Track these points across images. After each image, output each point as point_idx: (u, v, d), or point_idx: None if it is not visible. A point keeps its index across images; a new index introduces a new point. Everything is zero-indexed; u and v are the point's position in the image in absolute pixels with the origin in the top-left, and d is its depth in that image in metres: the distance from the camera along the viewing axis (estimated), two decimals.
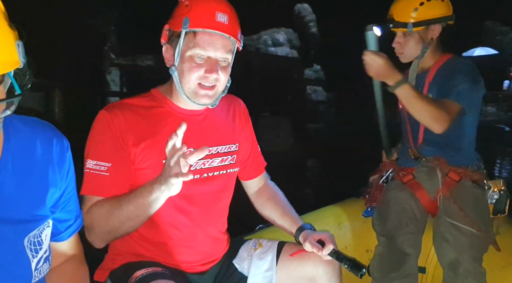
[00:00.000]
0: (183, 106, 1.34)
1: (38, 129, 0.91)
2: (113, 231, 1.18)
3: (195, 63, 1.24)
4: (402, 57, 1.91)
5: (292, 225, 1.45)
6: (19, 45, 0.69)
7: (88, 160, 1.22)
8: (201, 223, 1.35)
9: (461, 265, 1.67)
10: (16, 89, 0.73)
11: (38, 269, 0.87)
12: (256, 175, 1.58)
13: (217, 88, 1.28)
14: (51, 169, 0.91)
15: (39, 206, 0.89)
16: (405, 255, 1.77)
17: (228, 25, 1.24)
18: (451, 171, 1.87)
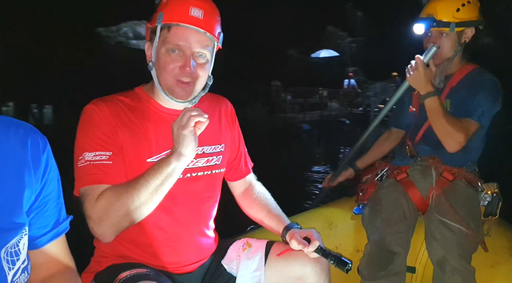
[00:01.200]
0: (166, 106, 1.33)
1: (11, 131, 0.86)
2: (131, 213, 1.14)
3: (170, 58, 1.24)
4: (435, 58, 1.89)
5: (279, 224, 1.45)
6: None
7: (85, 153, 1.19)
8: (186, 223, 1.34)
9: (448, 262, 1.68)
10: None
11: (15, 281, 0.83)
12: (243, 176, 1.57)
13: (195, 85, 1.27)
14: (27, 172, 0.86)
15: (17, 211, 0.85)
16: (393, 254, 1.78)
17: (202, 20, 1.23)
18: (445, 170, 1.89)
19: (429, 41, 1.88)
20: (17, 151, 0.85)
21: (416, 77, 1.77)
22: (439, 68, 1.92)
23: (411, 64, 1.79)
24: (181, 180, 1.29)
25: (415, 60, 1.77)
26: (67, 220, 0.99)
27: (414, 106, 2.04)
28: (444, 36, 1.85)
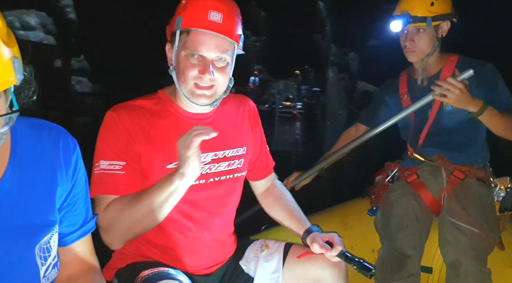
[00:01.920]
0: (188, 110, 1.32)
1: (44, 132, 0.91)
2: (134, 226, 1.15)
3: (189, 63, 1.22)
4: (413, 55, 1.87)
5: (300, 227, 1.44)
6: (15, 62, 0.69)
7: (100, 161, 1.20)
8: (206, 228, 1.34)
9: (462, 265, 1.66)
10: (15, 105, 0.74)
11: (47, 276, 0.88)
12: (265, 176, 1.56)
13: (216, 88, 1.26)
14: (59, 171, 0.91)
15: (50, 209, 0.90)
16: (406, 257, 1.77)
17: (221, 24, 1.20)
18: (455, 169, 1.87)
19: (407, 39, 1.85)
20: (50, 151, 0.90)
21: (461, 98, 1.64)
22: (420, 65, 1.90)
23: (448, 87, 1.64)
24: (203, 185, 1.30)
25: (451, 82, 1.64)
26: (93, 219, 1.03)
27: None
28: (421, 32, 1.82)
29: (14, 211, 0.82)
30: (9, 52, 0.69)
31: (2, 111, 0.71)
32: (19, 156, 0.85)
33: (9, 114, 0.71)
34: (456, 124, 1.86)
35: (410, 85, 2.00)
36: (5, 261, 0.81)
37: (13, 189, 0.83)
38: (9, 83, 0.69)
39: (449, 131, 1.89)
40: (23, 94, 0.79)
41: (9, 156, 0.84)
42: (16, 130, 0.86)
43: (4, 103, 0.72)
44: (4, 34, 0.70)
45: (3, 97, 0.72)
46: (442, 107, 1.87)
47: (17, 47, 0.73)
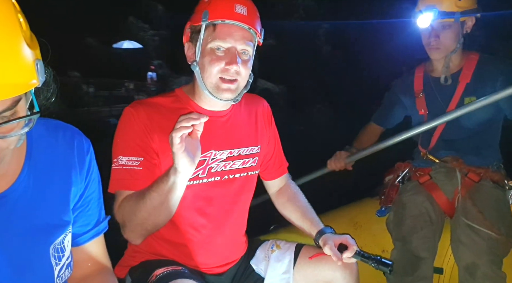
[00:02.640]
0: (206, 108, 1.33)
1: (59, 133, 0.92)
2: (143, 222, 1.16)
3: (216, 55, 1.24)
4: (437, 52, 1.82)
5: (312, 227, 1.45)
6: (38, 64, 0.70)
7: (119, 156, 1.22)
8: (220, 225, 1.35)
9: (479, 268, 1.64)
10: (35, 107, 0.74)
11: (60, 276, 0.88)
12: (278, 176, 1.57)
13: (239, 82, 1.28)
14: (73, 172, 0.92)
15: (65, 209, 0.90)
16: (419, 259, 1.75)
17: (247, 16, 1.24)
18: (470, 171, 1.84)
19: (431, 35, 1.79)
20: (65, 151, 0.91)
21: None
22: (443, 63, 1.84)
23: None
24: (218, 182, 1.31)
25: None
26: (106, 219, 1.04)
27: (421, 109, 1.96)
28: (447, 28, 1.76)
29: (29, 211, 0.83)
30: (33, 55, 0.70)
31: (22, 113, 0.72)
32: (34, 156, 0.85)
33: (30, 116, 0.72)
34: (473, 126, 1.83)
35: (426, 83, 1.94)
36: (21, 261, 0.81)
37: (29, 189, 0.83)
38: (32, 86, 0.69)
39: (465, 133, 1.86)
40: (42, 95, 0.80)
41: (25, 156, 0.85)
42: (31, 131, 0.85)
43: (24, 105, 0.73)
44: (28, 36, 0.70)
45: (24, 99, 0.72)
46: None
47: (39, 50, 0.73)
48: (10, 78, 0.65)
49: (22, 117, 0.70)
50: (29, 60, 0.69)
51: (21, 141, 0.77)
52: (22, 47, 0.68)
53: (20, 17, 0.69)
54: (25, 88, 0.68)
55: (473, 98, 1.80)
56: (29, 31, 0.72)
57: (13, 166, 0.82)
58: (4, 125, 0.68)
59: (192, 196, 1.27)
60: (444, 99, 1.87)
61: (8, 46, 0.65)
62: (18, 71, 0.66)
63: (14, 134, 0.71)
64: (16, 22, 0.67)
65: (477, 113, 1.77)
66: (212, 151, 1.31)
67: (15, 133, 0.71)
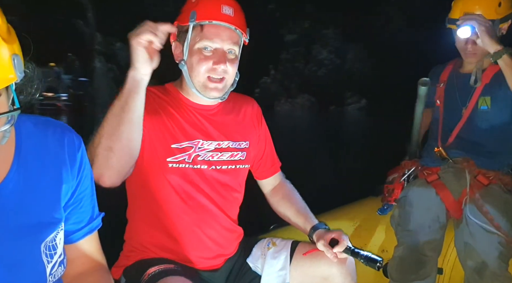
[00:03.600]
0: (194, 101, 1.37)
1: (49, 130, 0.91)
2: (107, 140, 1.15)
3: (203, 55, 1.27)
4: (473, 57, 1.82)
5: (306, 223, 1.46)
6: (15, 59, 0.69)
7: None
8: (208, 214, 1.36)
9: (487, 268, 1.63)
10: (16, 103, 0.73)
11: (53, 273, 0.88)
12: (271, 174, 1.59)
13: (226, 81, 1.31)
14: (64, 169, 0.91)
15: (56, 206, 0.90)
16: (425, 258, 1.75)
17: (233, 17, 1.28)
18: (480, 173, 1.83)
19: (468, 41, 1.77)
20: (55, 149, 0.90)
21: (490, 31, 1.62)
22: (476, 65, 1.84)
23: (477, 20, 1.64)
24: (205, 170, 1.34)
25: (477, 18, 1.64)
26: (99, 216, 1.03)
27: (438, 100, 1.97)
28: None
29: (19, 209, 0.83)
30: (9, 49, 0.69)
31: (3, 109, 0.71)
32: (23, 154, 0.85)
33: (10, 112, 0.71)
34: (489, 127, 1.83)
35: (451, 76, 1.96)
36: (11, 259, 0.81)
37: (18, 186, 0.83)
38: (9, 81, 0.69)
39: (480, 135, 1.86)
40: (25, 92, 0.79)
41: (14, 153, 0.84)
42: (20, 128, 0.86)
43: (5, 101, 0.72)
44: (4, 31, 0.69)
45: (4, 95, 0.71)
46: (477, 107, 1.83)
47: (17, 44, 0.72)
48: None
49: (1, 113, 0.70)
50: (5, 54, 0.68)
51: (6, 138, 0.77)
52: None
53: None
54: (1, 84, 0.67)
55: (487, 99, 1.82)
56: (6, 25, 0.71)
57: (1, 164, 0.82)
58: None
59: (178, 179, 1.30)
60: (461, 97, 1.88)
61: None
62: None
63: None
64: None
65: (493, 117, 1.79)
66: (200, 140, 1.34)
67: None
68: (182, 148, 1.30)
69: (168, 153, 1.28)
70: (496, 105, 1.81)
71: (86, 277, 0.99)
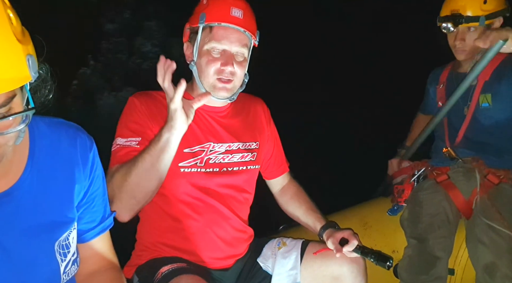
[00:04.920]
0: (205, 103, 1.34)
1: (62, 130, 0.92)
2: (133, 189, 1.16)
3: (212, 57, 1.29)
4: (463, 54, 1.85)
5: (316, 223, 1.47)
6: (29, 60, 0.70)
7: (118, 138, 1.26)
8: (219, 215, 1.36)
9: (498, 269, 1.60)
10: (31, 103, 0.74)
11: (66, 272, 0.89)
12: (279, 174, 1.59)
13: (234, 82, 1.32)
14: (77, 169, 0.92)
15: (69, 206, 0.91)
16: (435, 258, 1.73)
17: (242, 19, 1.29)
18: (490, 172, 1.82)
19: (457, 38, 1.81)
20: (67, 149, 0.91)
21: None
22: (469, 63, 1.85)
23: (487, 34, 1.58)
24: (216, 173, 1.34)
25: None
26: (111, 216, 1.05)
27: (440, 101, 1.98)
28: (472, 31, 1.78)
29: (33, 208, 0.84)
30: (24, 50, 0.70)
31: (18, 109, 0.72)
32: (37, 154, 0.86)
33: (25, 112, 0.72)
34: (493, 123, 1.83)
35: (450, 77, 1.99)
36: (26, 257, 0.82)
37: (32, 186, 0.84)
38: (23, 80, 0.70)
39: (486, 133, 1.86)
40: (40, 93, 0.80)
41: (28, 154, 0.85)
42: (34, 128, 0.87)
43: (20, 101, 0.73)
44: (18, 32, 0.71)
45: (19, 95, 0.72)
46: (479, 104, 1.84)
47: (31, 45, 0.73)
48: (0, 73, 0.65)
49: (17, 113, 0.71)
50: (20, 55, 0.69)
51: (21, 138, 0.78)
52: (12, 42, 0.68)
53: (10, 13, 0.70)
54: (17, 84, 0.68)
55: (487, 96, 1.82)
56: (20, 26, 0.72)
57: (16, 164, 0.83)
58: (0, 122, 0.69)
59: (191, 184, 1.31)
60: (463, 98, 1.87)
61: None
62: (8, 67, 0.66)
63: (12, 131, 0.72)
64: (4, 17, 0.67)
65: (496, 113, 1.80)
66: (211, 143, 1.35)
67: (12, 130, 0.72)
68: (194, 152, 1.32)
69: (180, 158, 1.28)
70: (497, 102, 1.81)
71: (98, 275, 1.01)
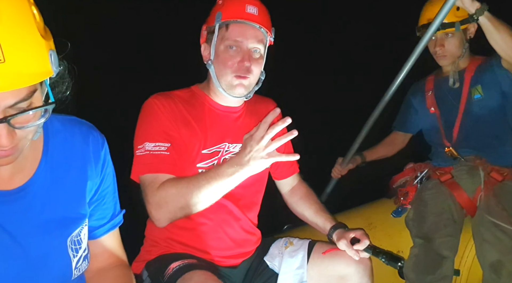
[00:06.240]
0: (221, 103, 1.39)
1: (75, 128, 0.93)
2: (188, 207, 1.18)
3: (229, 54, 1.30)
4: (444, 59, 1.93)
5: (326, 223, 1.47)
6: (51, 55, 0.71)
7: (145, 142, 1.25)
8: (231, 215, 1.37)
9: (504, 267, 1.61)
10: (51, 97, 0.75)
11: (78, 267, 0.90)
12: (290, 174, 1.59)
13: (250, 79, 1.32)
14: (89, 166, 0.93)
15: (81, 202, 0.92)
16: (442, 258, 1.73)
17: (257, 16, 1.30)
18: (493, 170, 1.84)
19: (436, 45, 1.90)
20: (80, 146, 0.92)
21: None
22: (451, 68, 1.93)
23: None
24: None
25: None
26: (121, 213, 1.05)
27: (431, 107, 2.03)
28: (450, 37, 1.88)
29: (47, 204, 0.85)
30: (46, 45, 0.71)
31: (38, 104, 0.73)
32: (51, 151, 0.87)
33: (45, 106, 0.73)
34: (487, 113, 1.88)
35: (437, 83, 2.04)
36: (40, 252, 0.83)
37: (46, 182, 0.85)
38: (45, 75, 0.70)
39: (481, 122, 1.89)
40: (57, 89, 0.81)
41: (42, 151, 0.86)
42: (48, 126, 0.88)
43: (40, 96, 0.74)
44: (41, 28, 0.71)
45: (39, 90, 0.73)
46: (471, 97, 1.90)
47: (52, 41, 0.74)
48: (24, 67, 0.66)
49: (37, 107, 0.71)
50: (43, 50, 0.69)
51: (38, 133, 0.79)
52: (36, 37, 0.68)
53: (34, 9, 0.70)
54: (39, 78, 0.69)
55: (478, 87, 1.90)
56: (43, 22, 0.73)
57: (30, 160, 0.84)
58: (21, 116, 0.69)
59: None
60: (454, 97, 1.95)
61: (22, 36, 0.66)
62: (32, 61, 0.67)
63: (31, 125, 0.72)
64: (29, 13, 0.68)
65: (488, 102, 1.86)
66: (226, 143, 1.36)
67: (32, 125, 0.72)
68: (211, 153, 1.33)
69: (198, 158, 1.30)
70: (487, 91, 1.87)
71: (107, 272, 1.01)
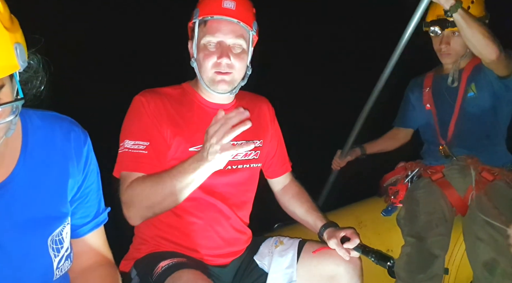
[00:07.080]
0: (210, 100, 1.37)
1: (56, 124, 0.90)
2: (154, 206, 1.18)
3: (208, 51, 1.28)
4: (448, 57, 1.93)
5: (317, 222, 1.46)
6: (17, 48, 0.67)
7: (125, 140, 1.25)
8: (221, 214, 1.36)
9: (499, 265, 1.62)
10: (20, 93, 0.72)
11: (60, 267, 0.87)
12: (282, 173, 1.59)
13: (233, 75, 1.30)
14: (70, 163, 0.90)
15: (62, 201, 0.89)
16: (434, 257, 1.73)
17: (235, 10, 1.27)
18: (484, 169, 1.85)
19: (442, 42, 1.90)
20: (61, 143, 0.89)
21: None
22: (453, 66, 1.94)
23: None
24: (221, 171, 1.31)
25: None
26: (105, 211, 1.03)
27: (427, 103, 2.04)
28: (456, 35, 1.88)
29: (26, 203, 0.82)
30: (11, 38, 0.67)
31: (8, 99, 0.69)
32: (30, 148, 0.84)
33: (14, 102, 0.69)
34: (479, 112, 1.89)
35: (435, 80, 2.05)
36: (18, 252, 0.80)
37: (25, 180, 0.82)
38: (11, 69, 0.67)
39: (473, 121, 1.91)
40: (31, 84, 0.77)
41: (21, 147, 0.83)
42: (27, 122, 0.85)
43: (10, 92, 0.71)
44: (6, 19, 0.68)
45: (8, 85, 0.70)
46: (466, 96, 1.91)
47: (21, 34, 0.71)
48: None
49: (4, 103, 0.68)
50: (7, 43, 0.66)
51: (12, 131, 0.75)
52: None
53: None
54: (3, 73, 0.65)
55: (472, 86, 1.92)
56: (8, 14, 0.69)
57: (8, 158, 0.81)
58: None
59: None
60: (451, 96, 1.96)
61: None
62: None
63: (1, 122, 0.69)
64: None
65: (481, 101, 1.87)
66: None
67: (2, 122, 0.69)
68: (199, 150, 1.28)
69: (185, 156, 1.26)
70: (480, 90, 1.89)
71: (92, 271, 0.99)
